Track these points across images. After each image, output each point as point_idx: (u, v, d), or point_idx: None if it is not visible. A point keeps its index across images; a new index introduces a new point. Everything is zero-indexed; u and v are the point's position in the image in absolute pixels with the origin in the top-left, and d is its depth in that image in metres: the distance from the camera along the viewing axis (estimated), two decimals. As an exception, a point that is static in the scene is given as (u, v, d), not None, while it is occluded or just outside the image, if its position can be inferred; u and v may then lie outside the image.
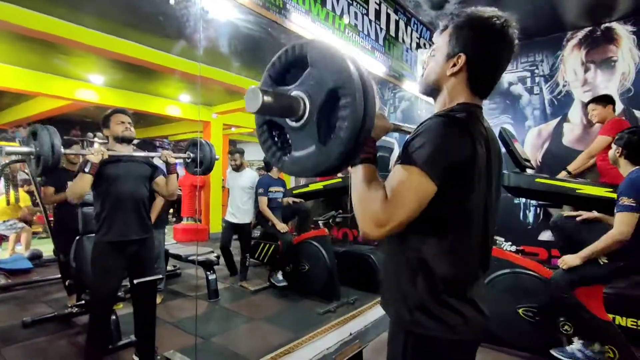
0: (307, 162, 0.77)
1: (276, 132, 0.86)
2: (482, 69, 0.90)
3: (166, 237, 3.91)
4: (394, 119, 5.24)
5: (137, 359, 2.28)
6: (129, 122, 2.21)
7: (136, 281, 2.13)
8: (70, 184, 1.99)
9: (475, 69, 0.89)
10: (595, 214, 2.46)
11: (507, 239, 2.76)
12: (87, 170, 1.94)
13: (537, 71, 3.87)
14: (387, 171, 1.02)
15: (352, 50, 2.71)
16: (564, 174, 3.09)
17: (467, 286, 0.89)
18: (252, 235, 4.21)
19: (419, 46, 3.35)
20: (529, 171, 2.96)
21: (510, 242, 2.75)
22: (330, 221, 4.03)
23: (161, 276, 3.43)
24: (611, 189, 2.49)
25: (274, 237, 3.88)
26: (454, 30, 0.91)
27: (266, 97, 0.70)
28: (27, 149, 1.75)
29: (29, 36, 3.59)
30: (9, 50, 4.40)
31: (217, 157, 2.44)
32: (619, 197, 2.05)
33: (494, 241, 2.72)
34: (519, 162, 2.82)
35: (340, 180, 4.32)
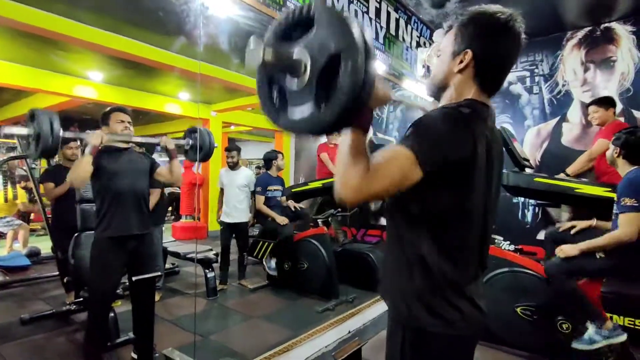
0: (302, 121, 0.78)
1: (276, 90, 0.86)
2: (489, 65, 0.90)
3: (165, 235, 3.90)
4: (393, 118, 5.24)
5: (135, 356, 2.28)
6: (129, 122, 2.20)
7: (135, 278, 2.12)
8: (71, 169, 1.98)
9: (482, 64, 0.89)
10: (587, 223, 2.42)
11: (505, 238, 2.77)
12: (87, 151, 1.94)
13: (536, 71, 3.87)
14: None
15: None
16: (563, 177, 3.09)
17: (466, 284, 0.89)
18: (249, 234, 4.17)
19: (419, 45, 3.34)
20: (528, 170, 2.96)
21: (508, 241, 2.75)
22: (329, 219, 4.03)
23: (160, 273, 3.43)
24: (610, 189, 2.49)
25: (273, 235, 3.87)
26: (459, 28, 0.91)
27: (267, 51, 0.71)
28: (25, 130, 1.75)
29: (28, 32, 3.58)
30: (7, 46, 4.38)
31: (215, 145, 2.44)
32: (619, 198, 2.04)
33: (493, 240, 2.75)
34: (518, 162, 2.82)
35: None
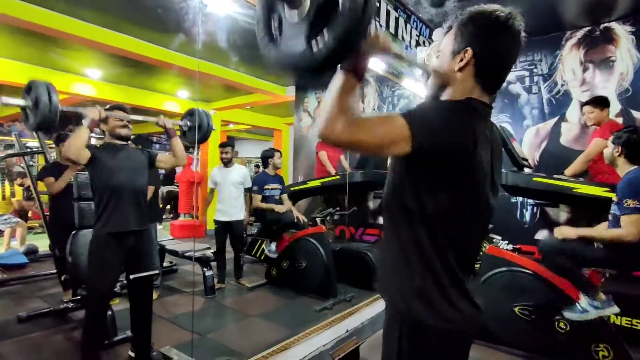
0: (294, 56, 0.78)
1: (275, 22, 0.86)
2: (489, 63, 0.90)
3: (164, 233, 3.89)
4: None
5: (133, 354, 2.28)
6: (128, 120, 2.20)
7: (132, 276, 2.12)
8: (67, 141, 1.95)
9: (482, 63, 0.89)
10: (575, 234, 2.21)
11: (504, 238, 2.77)
12: (84, 124, 1.93)
13: (535, 70, 3.87)
14: (384, 167, 1.02)
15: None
16: (562, 177, 3.08)
17: (464, 281, 0.90)
18: (244, 233, 4.09)
19: (418, 44, 3.33)
20: (527, 170, 2.97)
21: (507, 241, 2.76)
22: (327, 218, 4.03)
23: (158, 271, 3.42)
24: (608, 189, 2.49)
25: (271, 234, 3.86)
26: (458, 28, 0.91)
27: None
28: (23, 102, 1.74)
29: (26, 30, 3.57)
30: (6, 43, 4.36)
31: (213, 127, 2.43)
32: (621, 199, 2.01)
33: (491, 240, 2.75)
34: (517, 161, 2.83)
35: (338, 177, 4.32)
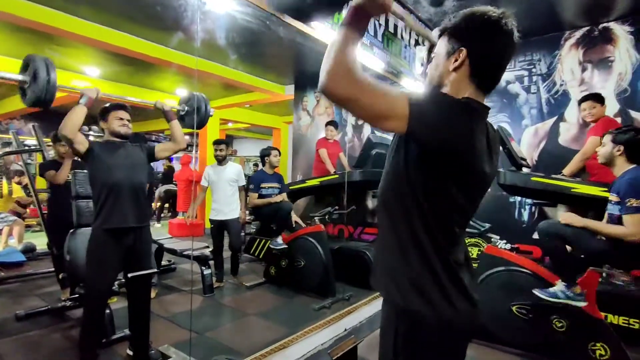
0: None
1: None
2: (483, 62, 0.91)
3: (162, 231, 3.88)
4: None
5: (131, 353, 2.28)
6: (128, 119, 2.19)
7: (131, 275, 2.12)
8: (64, 119, 1.94)
9: (476, 62, 0.90)
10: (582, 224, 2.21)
11: (502, 237, 2.78)
12: (82, 102, 1.93)
13: (534, 70, 3.87)
14: (383, 167, 1.02)
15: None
16: (560, 176, 3.08)
17: (459, 271, 0.91)
18: (242, 231, 4.06)
19: (417, 43, 3.33)
20: (525, 170, 2.97)
21: (505, 240, 2.76)
22: (326, 217, 4.03)
23: (156, 270, 3.41)
24: (605, 188, 2.50)
25: (269, 232, 3.86)
26: (452, 30, 0.93)
27: None
28: (20, 77, 1.73)
29: (24, 27, 3.55)
30: (4, 40, 4.34)
31: (211, 113, 2.44)
32: (623, 199, 2.00)
33: (489, 239, 2.75)
34: (515, 161, 2.83)
35: (337, 176, 4.32)
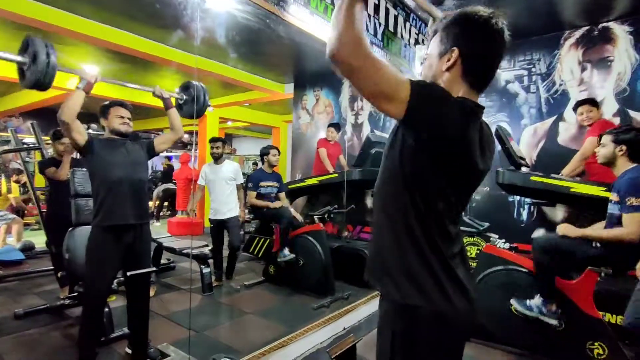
0: None
1: None
2: (475, 61, 0.92)
3: (161, 230, 3.87)
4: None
5: (130, 351, 2.28)
6: (128, 117, 2.17)
7: (130, 273, 2.11)
8: (62, 104, 1.94)
9: (468, 61, 0.91)
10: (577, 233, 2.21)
11: (500, 236, 2.79)
12: (80, 86, 1.93)
13: (534, 70, 3.87)
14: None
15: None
16: (559, 176, 3.08)
17: (452, 262, 0.92)
18: (240, 230, 3.96)
19: (417, 42, 3.32)
20: (524, 169, 2.97)
21: (503, 240, 2.77)
22: (325, 216, 4.03)
23: (155, 268, 3.41)
24: (605, 188, 2.50)
25: (269, 231, 3.85)
26: (443, 30, 0.94)
27: None
28: (19, 58, 1.73)
29: (23, 24, 3.53)
30: (2, 38, 4.32)
31: (209, 103, 2.44)
32: (623, 197, 2.00)
33: (488, 238, 2.76)
34: (514, 160, 2.83)
35: (336, 175, 4.32)
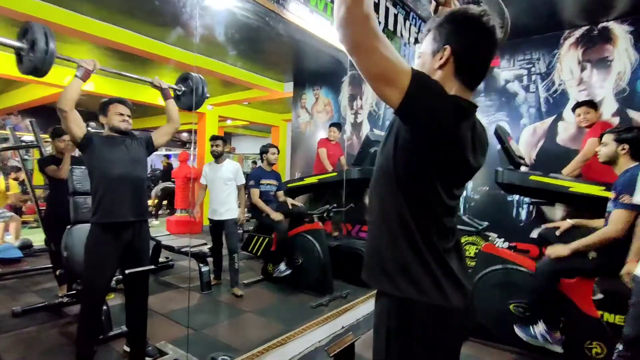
0: None
1: None
2: (467, 58, 0.92)
3: (160, 229, 3.86)
4: (389, 115, 5.23)
5: (128, 349, 2.28)
6: (128, 115, 2.17)
7: (128, 271, 2.11)
8: (61, 93, 1.96)
9: (461, 59, 0.92)
10: (569, 223, 2.40)
11: (499, 236, 2.79)
12: (78, 74, 1.94)
13: (533, 69, 3.87)
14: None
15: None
16: (558, 175, 3.08)
17: (445, 255, 0.93)
18: (239, 232, 3.92)
19: (417, 41, 3.32)
20: (523, 168, 2.98)
21: (502, 239, 2.77)
22: (324, 215, 4.03)
23: (154, 266, 3.40)
24: (604, 187, 2.51)
25: (268, 230, 3.85)
26: (436, 29, 0.95)
27: None
28: (18, 43, 1.73)
29: (22, 22, 3.51)
30: (1, 35, 4.31)
31: (207, 95, 2.46)
32: (619, 194, 2.00)
33: (487, 237, 2.76)
34: (514, 159, 2.83)
35: (335, 174, 4.32)
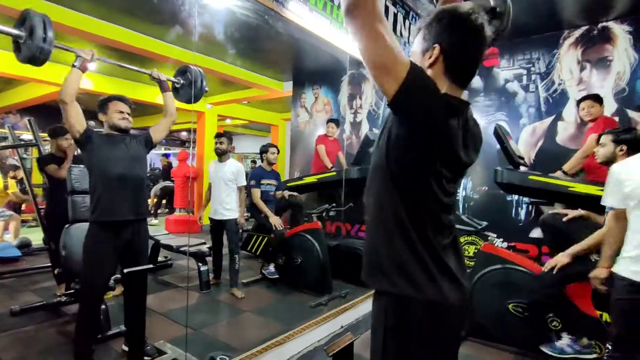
0: None
1: None
2: (456, 57, 0.93)
3: (159, 228, 3.86)
4: (389, 114, 5.23)
5: (126, 348, 2.27)
6: (128, 112, 2.16)
7: (127, 270, 2.10)
8: (62, 84, 1.94)
9: (450, 57, 0.92)
10: (580, 212, 2.45)
11: (499, 236, 2.79)
12: (76, 64, 1.92)
13: (533, 69, 3.87)
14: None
15: (348, 41, 2.68)
16: (559, 174, 3.09)
17: (441, 251, 0.93)
18: (239, 232, 3.91)
19: (416, 40, 3.33)
20: (523, 168, 2.98)
21: (502, 239, 2.77)
22: (323, 215, 4.02)
23: (153, 265, 3.40)
24: (603, 187, 2.50)
25: (267, 229, 3.85)
26: (425, 28, 0.96)
27: None
28: (16, 31, 1.72)
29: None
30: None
31: (206, 89, 2.46)
32: None
33: (486, 237, 2.76)
34: (513, 159, 2.83)
35: (334, 174, 4.32)
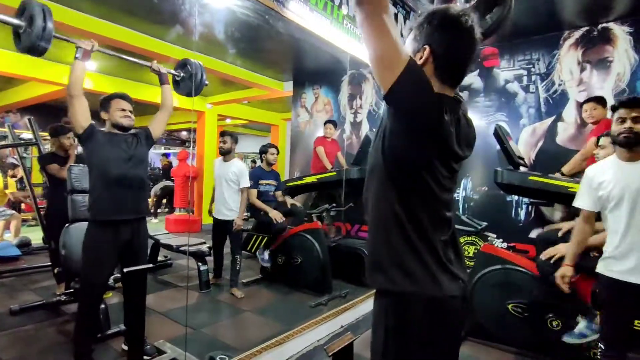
0: None
1: None
2: (446, 58, 0.94)
3: (159, 227, 3.85)
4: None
5: (126, 348, 2.27)
6: (130, 110, 2.16)
7: (127, 270, 2.10)
8: (68, 79, 1.95)
9: (440, 58, 0.93)
10: (571, 225, 2.37)
11: (498, 236, 2.79)
12: (77, 56, 1.94)
13: (533, 69, 3.87)
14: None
15: (349, 41, 2.69)
16: (557, 176, 3.09)
17: (438, 246, 0.94)
18: (241, 233, 3.90)
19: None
20: (522, 169, 2.98)
21: (501, 239, 2.77)
22: (323, 214, 4.02)
23: (152, 265, 3.40)
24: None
25: (267, 229, 3.85)
26: (417, 28, 0.98)
27: None
28: (16, 20, 1.73)
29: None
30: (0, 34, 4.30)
31: (206, 82, 2.44)
32: None
33: (485, 238, 2.76)
34: (513, 160, 2.83)
35: (334, 174, 4.32)
